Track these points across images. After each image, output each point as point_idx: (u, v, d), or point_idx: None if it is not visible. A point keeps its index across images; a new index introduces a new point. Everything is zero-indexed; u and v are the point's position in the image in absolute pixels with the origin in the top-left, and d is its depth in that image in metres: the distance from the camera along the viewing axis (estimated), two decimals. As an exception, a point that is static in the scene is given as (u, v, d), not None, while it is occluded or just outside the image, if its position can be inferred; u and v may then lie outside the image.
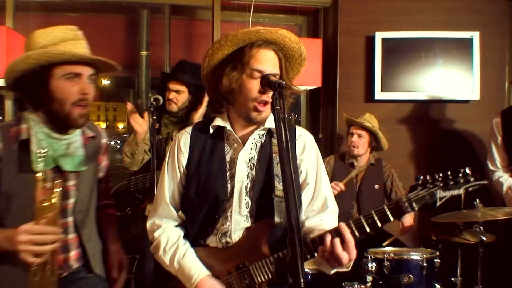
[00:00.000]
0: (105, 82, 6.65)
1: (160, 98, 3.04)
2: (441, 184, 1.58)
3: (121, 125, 9.19)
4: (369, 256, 2.89)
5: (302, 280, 1.33)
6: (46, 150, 1.78)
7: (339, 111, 4.22)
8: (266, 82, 1.63)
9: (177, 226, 1.93)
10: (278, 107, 1.50)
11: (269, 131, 1.86)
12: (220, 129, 1.88)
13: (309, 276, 2.86)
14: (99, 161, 2.15)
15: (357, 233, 1.60)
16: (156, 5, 4.37)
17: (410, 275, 2.83)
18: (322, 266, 1.74)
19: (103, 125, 8.86)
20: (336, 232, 1.58)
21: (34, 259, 1.64)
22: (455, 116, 4.24)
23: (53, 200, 1.68)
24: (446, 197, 1.58)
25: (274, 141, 1.83)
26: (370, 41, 4.21)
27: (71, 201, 1.94)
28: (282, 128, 1.47)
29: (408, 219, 3.48)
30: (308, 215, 1.87)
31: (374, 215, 1.60)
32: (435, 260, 2.94)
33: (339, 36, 4.27)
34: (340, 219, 1.81)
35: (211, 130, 1.87)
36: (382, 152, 3.82)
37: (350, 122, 3.74)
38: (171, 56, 4.51)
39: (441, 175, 1.59)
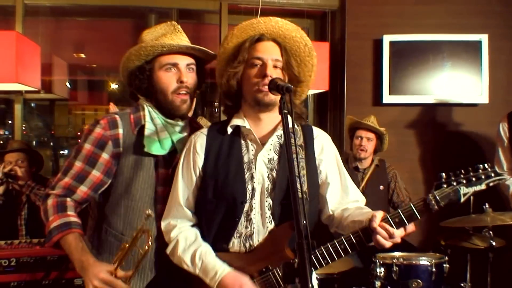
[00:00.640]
0: (113, 86, 6.72)
1: None
2: (464, 181, 1.59)
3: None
4: (377, 261, 2.85)
5: (311, 285, 1.29)
6: (166, 136, 1.95)
7: (347, 114, 4.15)
8: (273, 86, 1.61)
9: (192, 226, 1.87)
10: (286, 111, 1.48)
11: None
12: (237, 130, 1.85)
13: (317, 281, 2.84)
14: None
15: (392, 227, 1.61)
16: (164, 9, 4.35)
17: (419, 280, 2.80)
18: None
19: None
20: (363, 232, 1.63)
21: None
22: (463, 119, 4.20)
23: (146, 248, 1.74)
24: (469, 193, 1.60)
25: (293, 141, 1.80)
26: (378, 44, 4.18)
27: (167, 188, 1.98)
28: (287, 129, 1.46)
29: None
30: (341, 207, 1.86)
31: (401, 214, 1.61)
32: (444, 265, 2.89)
33: (346, 39, 4.25)
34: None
35: (229, 130, 1.84)
36: (390, 156, 3.80)
37: (358, 125, 3.71)
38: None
39: (462, 171, 1.61)
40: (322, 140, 1.91)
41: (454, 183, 1.59)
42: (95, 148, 1.90)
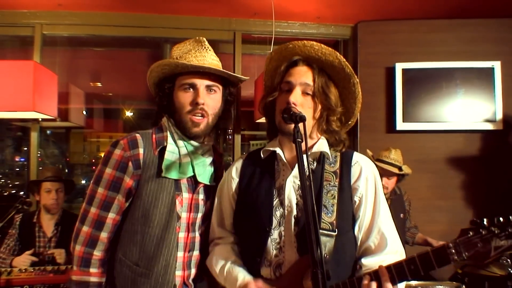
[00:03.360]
0: (129, 114, 6.78)
1: None
2: (498, 231, 1.31)
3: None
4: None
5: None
6: (188, 160, 1.85)
7: (361, 142, 4.15)
8: (287, 115, 1.53)
9: (232, 243, 1.83)
10: (299, 140, 1.41)
11: (320, 157, 1.74)
12: (272, 155, 1.79)
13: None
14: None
15: (397, 279, 1.43)
16: (179, 39, 4.18)
17: (437, 309, 2.72)
18: None
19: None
20: (375, 275, 1.46)
21: None
22: (478, 146, 4.12)
23: None
24: (504, 247, 1.31)
25: (327, 167, 1.70)
26: (391, 72, 4.16)
27: (199, 215, 1.92)
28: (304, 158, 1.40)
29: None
30: (364, 253, 1.68)
31: (417, 261, 1.40)
32: (462, 293, 2.82)
33: (359, 67, 4.24)
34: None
35: (263, 156, 1.79)
36: (404, 182, 3.71)
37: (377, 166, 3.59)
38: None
39: (501, 219, 1.31)
40: (361, 167, 1.73)
41: (485, 232, 1.32)
42: (117, 172, 1.78)
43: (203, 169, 1.91)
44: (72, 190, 3.71)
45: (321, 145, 1.73)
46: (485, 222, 1.32)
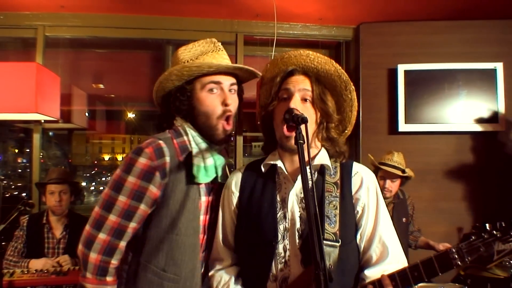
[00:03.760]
0: (131, 115, 6.78)
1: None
2: (500, 235, 1.34)
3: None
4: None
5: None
6: (212, 162, 1.80)
7: (363, 143, 4.15)
8: (289, 116, 1.51)
9: (232, 265, 1.82)
10: (301, 141, 1.39)
11: (321, 169, 1.73)
12: (272, 168, 1.77)
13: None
14: None
15: (401, 286, 1.43)
16: (181, 41, 4.32)
17: (439, 311, 2.71)
18: None
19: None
20: (379, 285, 1.46)
21: None
22: (480, 147, 4.11)
23: None
24: (506, 251, 1.33)
25: (328, 178, 1.70)
26: (393, 73, 4.15)
27: (213, 215, 1.90)
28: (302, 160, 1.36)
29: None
30: (366, 263, 1.67)
31: (421, 267, 1.41)
32: (464, 295, 2.82)
33: (361, 69, 4.24)
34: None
35: (263, 169, 1.77)
36: (407, 185, 3.69)
37: (380, 169, 3.55)
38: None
39: (503, 224, 1.35)
40: (362, 178, 1.73)
41: (487, 236, 1.34)
42: (141, 181, 1.69)
43: (222, 170, 1.89)
44: (80, 192, 3.71)
45: (323, 157, 1.73)
46: (487, 227, 1.34)
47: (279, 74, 1.76)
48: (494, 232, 1.33)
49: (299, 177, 1.66)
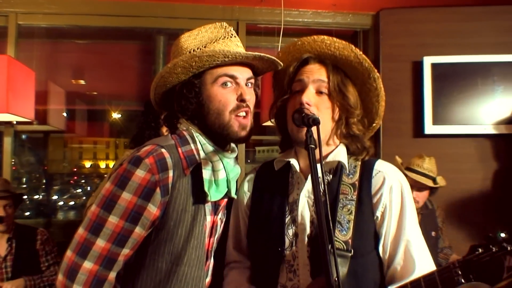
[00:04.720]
0: (116, 115, 6.69)
1: None
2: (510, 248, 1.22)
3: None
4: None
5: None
6: (224, 175, 1.67)
7: (384, 148, 4.07)
8: (298, 117, 1.48)
9: (245, 268, 1.83)
10: (312, 146, 1.34)
11: (337, 167, 1.68)
12: (286, 167, 1.76)
13: None
14: None
15: None
16: (174, 30, 4.36)
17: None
18: None
19: (111, 164, 8.85)
20: None
21: None
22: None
23: None
24: None
25: (345, 178, 1.65)
26: (418, 66, 4.08)
27: (216, 237, 1.81)
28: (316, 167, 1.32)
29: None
30: (392, 278, 1.61)
31: (423, 283, 1.36)
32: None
33: (381, 62, 4.17)
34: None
35: (276, 167, 1.78)
36: (435, 195, 3.61)
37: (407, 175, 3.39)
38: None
39: None
40: (385, 177, 1.65)
41: (496, 249, 1.23)
42: (138, 199, 1.51)
43: (234, 183, 1.75)
44: (21, 203, 3.63)
45: (338, 153, 1.70)
46: (500, 237, 1.24)
47: (292, 63, 1.74)
48: (505, 244, 1.22)
49: (309, 176, 1.62)
